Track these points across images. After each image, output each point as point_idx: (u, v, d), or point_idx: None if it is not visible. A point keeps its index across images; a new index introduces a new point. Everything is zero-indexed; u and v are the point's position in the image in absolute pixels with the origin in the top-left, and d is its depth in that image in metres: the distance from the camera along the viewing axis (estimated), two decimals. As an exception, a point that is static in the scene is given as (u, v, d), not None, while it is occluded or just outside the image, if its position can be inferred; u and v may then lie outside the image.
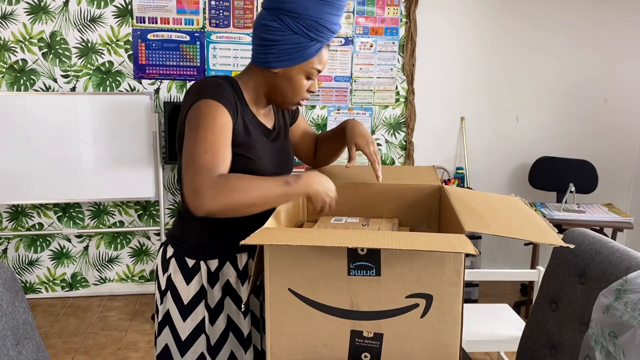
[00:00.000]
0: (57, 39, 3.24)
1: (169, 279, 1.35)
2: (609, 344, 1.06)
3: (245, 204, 1.14)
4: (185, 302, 1.33)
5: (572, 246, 1.03)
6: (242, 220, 1.24)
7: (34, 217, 3.38)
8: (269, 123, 1.40)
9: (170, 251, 1.36)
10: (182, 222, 1.37)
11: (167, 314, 1.36)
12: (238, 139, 1.25)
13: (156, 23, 3.31)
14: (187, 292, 1.33)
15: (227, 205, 1.12)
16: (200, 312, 1.33)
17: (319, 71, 1.32)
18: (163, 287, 1.37)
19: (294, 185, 1.19)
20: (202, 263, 1.33)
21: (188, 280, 1.33)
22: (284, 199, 1.20)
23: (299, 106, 1.38)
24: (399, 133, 3.68)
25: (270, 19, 1.24)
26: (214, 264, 1.34)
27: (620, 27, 3.70)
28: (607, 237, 1.46)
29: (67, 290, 3.51)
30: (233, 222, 1.21)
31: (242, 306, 1.35)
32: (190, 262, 1.34)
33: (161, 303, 1.38)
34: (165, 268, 1.36)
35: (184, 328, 1.34)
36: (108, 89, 3.33)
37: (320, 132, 1.47)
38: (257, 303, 1.41)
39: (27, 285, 3.45)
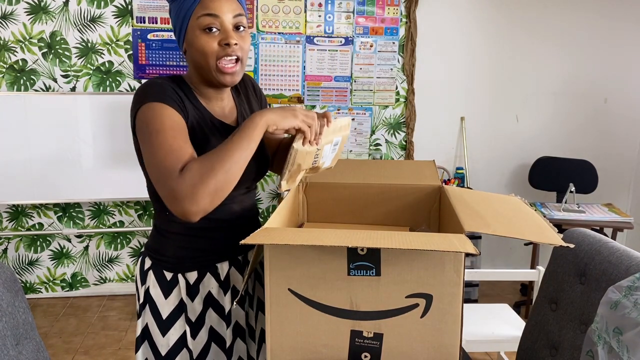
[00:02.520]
0: (57, 39, 3.24)
1: (147, 292, 1.29)
2: (612, 340, 1.06)
3: (222, 180, 1.04)
4: (164, 317, 1.28)
5: (572, 246, 1.03)
6: (220, 229, 1.22)
7: (34, 217, 3.38)
8: (229, 118, 1.29)
9: (147, 263, 1.30)
10: (158, 233, 1.31)
11: (146, 329, 1.30)
12: (195, 139, 1.17)
13: (156, 23, 3.31)
14: (167, 306, 1.28)
15: (210, 193, 1.03)
16: (180, 327, 1.28)
17: (214, 15, 1.14)
18: (141, 300, 1.31)
19: (239, 129, 1.09)
20: (179, 276, 1.27)
21: (166, 294, 1.28)
22: (245, 143, 1.07)
23: (226, 74, 1.18)
24: (399, 133, 3.68)
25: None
26: (192, 276, 1.28)
27: (621, 27, 3.70)
28: (607, 237, 1.46)
29: (67, 290, 3.51)
30: (211, 231, 1.19)
31: (234, 303, 1.30)
32: (168, 275, 1.28)
33: (139, 317, 1.32)
34: (143, 281, 1.31)
35: (164, 343, 1.28)
36: (108, 89, 3.33)
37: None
38: (241, 313, 1.36)
39: (27, 285, 3.45)
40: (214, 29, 1.15)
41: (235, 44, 1.15)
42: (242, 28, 1.18)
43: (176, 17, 1.19)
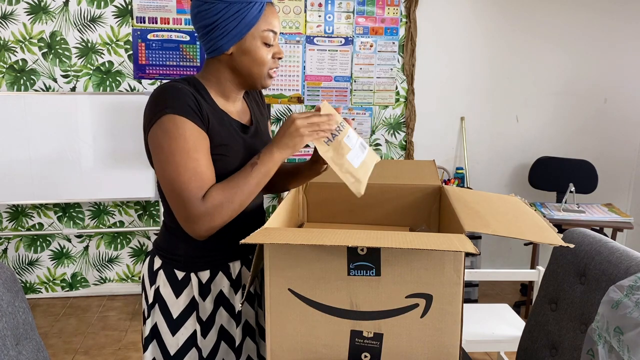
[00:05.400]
0: (57, 39, 3.24)
1: (157, 291, 1.29)
2: (613, 339, 1.06)
3: (236, 210, 1.18)
4: (175, 316, 1.28)
5: (572, 246, 1.03)
6: (232, 228, 1.23)
7: (34, 217, 3.38)
8: (244, 118, 1.33)
9: (157, 262, 1.31)
10: (169, 232, 1.31)
11: (155, 328, 1.30)
12: (213, 141, 1.20)
13: (156, 23, 3.31)
14: (177, 305, 1.28)
15: (222, 221, 1.16)
16: (190, 326, 1.28)
17: (274, 32, 1.24)
18: (151, 300, 1.31)
19: (260, 164, 1.18)
20: (192, 275, 1.28)
21: (178, 294, 1.28)
22: (263, 177, 1.19)
23: (272, 78, 1.30)
24: (399, 133, 3.68)
25: (200, 3, 1.20)
26: (205, 275, 1.29)
27: (621, 27, 3.70)
28: (607, 237, 1.46)
29: (67, 290, 3.51)
30: (223, 230, 1.19)
31: (239, 304, 1.30)
32: (180, 275, 1.28)
33: (148, 316, 1.32)
34: (152, 280, 1.31)
35: (173, 342, 1.28)
36: (108, 89, 3.33)
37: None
38: (251, 311, 1.37)
39: (27, 285, 3.45)
40: (272, 43, 1.25)
41: None
42: None
43: (230, 21, 1.18)
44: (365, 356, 1.01)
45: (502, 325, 2.29)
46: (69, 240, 3.46)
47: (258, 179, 1.18)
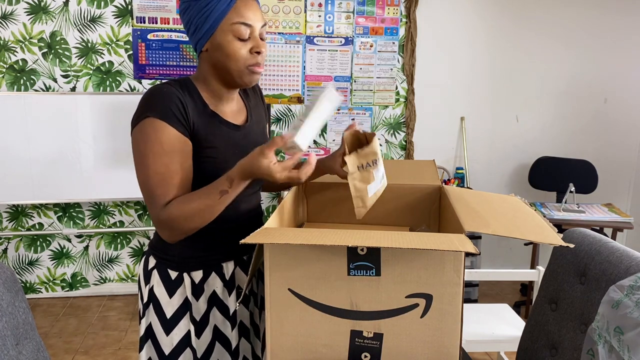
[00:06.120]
0: (57, 39, 3.24)
1: (151, 291, 1.30)
2: (613, 339, 1.06)
3: (197, 226, 1.16)
4: (168, 316, 1.29)
5: (572, 245, 1.03)
6: (227, 228, 1.23)
7: (34, 217, 3.38)
8: (237, 119, 1.32)
9: (152, 262, 1.32)
10: None
11: (150, 328, 1.31)
12: (200, 144, 1.20)
13: (156, 23, 3.31)
14: (170, 305, 1.29)
15: (183, 232, 1.16)
16: (184, 326, 1.29)
17: (249, 25, 1.19)
18: (145, 300, 1.32)
19: (231, 192, 1.13)
20: (185, 275, 1.28)
21: (171, 293, 1.29)
22: (228, 202, 1.15)
23: (255, 74, 1.23)
24: (399, 133, 3.68)
25: (181, 3, 1.22)
26: (197, 275, 1.29)
27: (620, 27, 3.70)
28: (607, 237, 1.46)
29: (67, 290, 3.51)
30: (218, 231, 1.20)
31: (237, 304, 1.30)
32: (173, 275, 1.29)
33: (143, 316, 1.33)
34: (147, 280, 1.32)
35: (167, 342, 1.29)
36: (108, 89, 3.33)
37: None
38: (245, 312, 1.37)
39: (27, 285, 3.45)
40: (247, 37, 1.20)
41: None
42: (265, 37, 1.25)
43: (200, 17, 1.18)
44: (365, 356, 1.01)
45: (502, 325, 2.29)
46: (69, 240, 3.46)
47: (222, 205, 1.15)
